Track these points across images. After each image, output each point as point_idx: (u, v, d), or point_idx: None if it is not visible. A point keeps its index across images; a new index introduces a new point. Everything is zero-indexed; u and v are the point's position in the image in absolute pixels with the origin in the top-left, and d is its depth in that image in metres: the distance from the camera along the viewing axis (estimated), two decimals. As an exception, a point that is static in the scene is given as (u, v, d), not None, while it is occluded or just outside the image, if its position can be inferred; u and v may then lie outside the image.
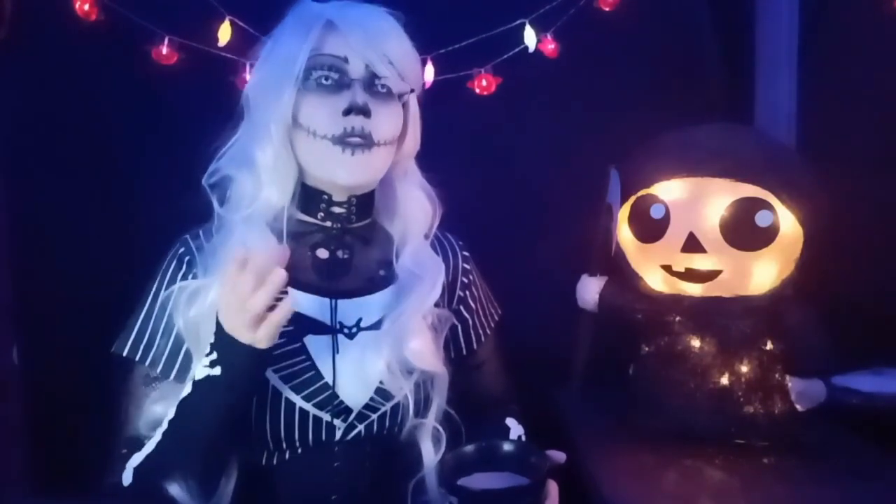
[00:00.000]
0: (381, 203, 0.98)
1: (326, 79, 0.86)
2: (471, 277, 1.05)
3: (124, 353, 0.89)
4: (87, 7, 1.15)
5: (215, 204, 0.89)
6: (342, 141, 0.85)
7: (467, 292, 1.04)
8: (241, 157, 0.90)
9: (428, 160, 0.99)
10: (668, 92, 1.36)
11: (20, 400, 1.14)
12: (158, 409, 0.86)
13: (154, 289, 0.90)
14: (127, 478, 0.82)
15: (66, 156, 1.23)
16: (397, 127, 0.91)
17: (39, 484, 1.13)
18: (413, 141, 0.96)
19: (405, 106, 0.92)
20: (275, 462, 0.87)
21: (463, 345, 1.04)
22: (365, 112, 0.85)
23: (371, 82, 0.87)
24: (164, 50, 1.18)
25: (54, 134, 1.22)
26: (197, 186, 0.89)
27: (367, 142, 0.86)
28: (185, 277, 0.89)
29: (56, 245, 1.22)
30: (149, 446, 0.82)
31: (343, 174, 0.87)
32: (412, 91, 0.92)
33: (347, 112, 0.85)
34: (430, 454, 0.90)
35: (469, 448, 0.82)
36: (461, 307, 1.03)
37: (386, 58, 0.86)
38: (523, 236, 1.37)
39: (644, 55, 1.36)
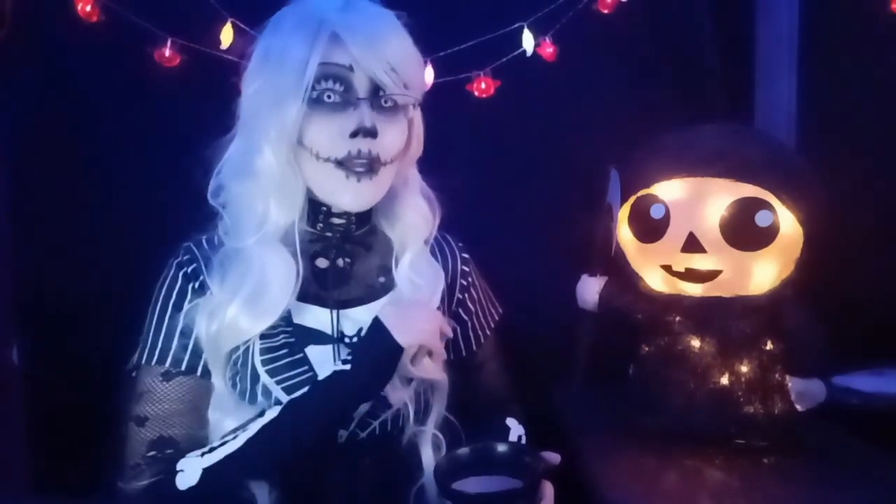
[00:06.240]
0: (382, 208, 0.96)
1: (331, 94, 0.82)
2: (469, 280, 1.04)
3: (142, 363, 0.87)
4: (88, 8, 1.15)
5: (226, 224, 0.88)
6: (347, 166, 0.84)
7: (466, 294, 1.03)
8: (244, 171, 0.87)
9: (428, 160, 0.99)
10: (668, 92, 1.36)
11: (20, 400, 1.14)
12: (186, 406, 0.86)
13: (161, 297, 0.89)
14: (189, 479, 0.79)
15: (66, 156, 1.23)
16: (402, 142, 0.89)
17: (39, 484, 1.13)
18: (417, 149, 0.94)
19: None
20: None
21: (462, 346, 1.03)
22: (373, 134, 0.82)
23: (377, 97, 0.84)
24: (167, 52, 1.18)
25: (55, 134, 1.22)
26: (198, 187, 0.89)
27: (373, 165, 0.84)
28: (192, 285, 0.88)
29: (56, 245, 1.22)
30: (228, 448, 0.80)
31: (348, 200, 0.86)
32: (417, 105, 0.90)
33: (354, 134, 0.82)
34: (430, 461, 0.90)
35: (463, 451, 0.81)
36: (460, 309, 1.03)
37: (389, 66, 0.82)
38: (523, 236, 1.37)
39: (644, 55, 1.36)
